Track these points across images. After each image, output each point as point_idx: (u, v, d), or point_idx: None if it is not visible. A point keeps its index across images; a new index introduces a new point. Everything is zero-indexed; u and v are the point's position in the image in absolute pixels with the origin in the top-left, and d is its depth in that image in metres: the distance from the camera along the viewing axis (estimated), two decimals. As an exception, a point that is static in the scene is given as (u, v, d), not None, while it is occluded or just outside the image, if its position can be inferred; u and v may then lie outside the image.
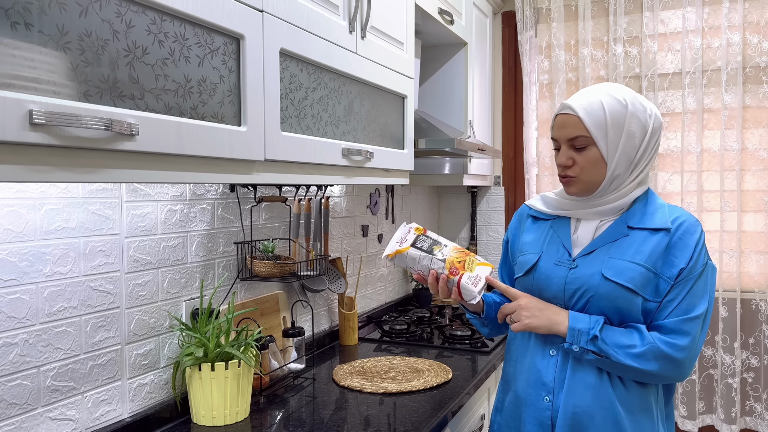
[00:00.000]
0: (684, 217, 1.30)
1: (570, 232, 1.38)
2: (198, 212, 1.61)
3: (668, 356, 1.25)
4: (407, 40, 1.90)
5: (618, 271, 1.28)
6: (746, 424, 2.78)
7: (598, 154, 1.30)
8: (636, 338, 1.26)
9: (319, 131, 1.43)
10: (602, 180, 1.31)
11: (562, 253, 1.36)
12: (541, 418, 1.35)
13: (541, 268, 1.38)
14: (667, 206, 1.34)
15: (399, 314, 2.58)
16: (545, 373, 1.35)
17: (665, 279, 1.27)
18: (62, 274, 1.24)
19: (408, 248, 1.39)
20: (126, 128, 0.87)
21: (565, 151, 1.33)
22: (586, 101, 1.30)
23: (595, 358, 1.27)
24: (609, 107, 1.29)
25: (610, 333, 1.27)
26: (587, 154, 1.31)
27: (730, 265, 2.75)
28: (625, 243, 1.31)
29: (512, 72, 3.15)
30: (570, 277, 1.33)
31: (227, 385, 1.45)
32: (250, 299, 1.81)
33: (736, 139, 2.69)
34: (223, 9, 1.08)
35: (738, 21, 2.65)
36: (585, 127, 1.29)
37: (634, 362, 1.25)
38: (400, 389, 1.70)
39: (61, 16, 0.80)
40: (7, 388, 1.15)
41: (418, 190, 3.11)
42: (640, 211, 1.33)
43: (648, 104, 1.33)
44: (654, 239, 1.29)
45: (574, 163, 1.32)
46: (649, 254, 1.28)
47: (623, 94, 1.31)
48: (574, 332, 1.27)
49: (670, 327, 1.26)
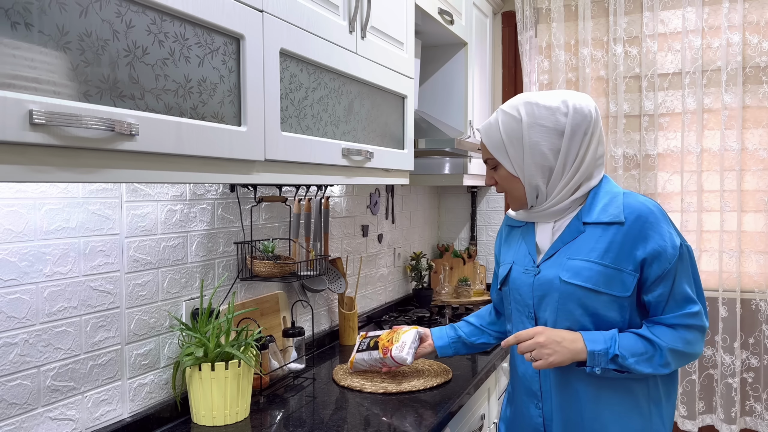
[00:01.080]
0: (637, 207, 1.25)
1: (534, 238, 1.37)
2: (198, 212, 1.61)
3: (684, 354, 1.26)
4: (407, 40, 1.90)
5: (575, 272, 1.26)
6: (746, 424, 2.78)
7: (506, 173, 1.32)
8: (649, 345, 1.24)
9: (319, 131, 1.43)
10: (525, 193, 1.32)
11: (528, 261, 1.36)
12: (535, 425, 1.37)
13: (512, 279, 1.39)
14: (622, 194, 1.28)
15: (399, 314, 2.58)
16: (533, 382, 1.37)
17: (629, 272, 1.23)
18: (62, 274, 1.24)
19: (355, 356, 1.76)
20: (126, 128, 0.87)
21: (488, 172, 1.38)
22: (487, 123, 1.33)
23: (617, 375, 1.25)
24: (503, 125, 1.29)
25: (627, 345, 1.23)
26: (500, 173, 1.34)
27: (730, 265, 2.75)
28: (581, 241, 1.28)
29: (512, 72, 3.15)
30: (536, 283, 1.32)
31: (227, 385, 1.45)
32: (250, 299, 1.81)
33: (736, 139, 2.69)
34: (223, 9, 1.08)
35: (738, 21, 2.65)
36: (487, 150, 1.33)
37: (655, 369, 1.25)
38: (400, 389, 1.70)
39: (61, 16, 0.80)
40: (7, 388, 1.15)
41: (418, 190, 3.11)
42: (593, 205, 1.29)
43: (558, 103, 1.26)
44: (608, 234, 1.25)
45: (496, 182, 1.36)
46: (606, 250, 1.24)
47: (518, 106, 1.28)
48: (594, 356, 1.24)
49: (675, 323, 1.25)
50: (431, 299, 2.90)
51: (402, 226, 2.91)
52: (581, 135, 1.26)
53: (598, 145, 1.29)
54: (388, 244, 2.77)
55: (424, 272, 2.91)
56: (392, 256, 2.81)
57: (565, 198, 1.30)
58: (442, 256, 3.25)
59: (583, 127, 1.26)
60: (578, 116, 1.26)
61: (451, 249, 3.24)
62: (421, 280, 2.90)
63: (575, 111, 1.25)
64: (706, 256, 2.80)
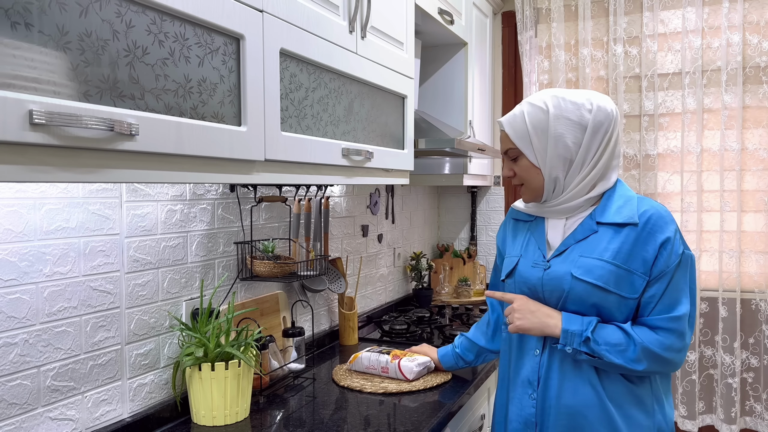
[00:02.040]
0: (651, 211, 1.29)
1: (544, 233, 1.40)
2: (198, 212, 1.61)
3: (659, 356, 1.26)
4: (407, 40, 1.90)
5: (587, 269, 1.29)
6: (746, 424, 2.78)
7: (528, 163, 1.34)
8: (626, 339, 1.26)
9: (319, 131, 1.43)
10: (542, 185, 1.35)
11: (537, 255, 1.38)
12: (526, 415, 1.37)
13: (520, 271, 1.41)
14: (637, 199, 1.33)
15: (399, 314, 2.58)
16: (530, 371, 1.37)
17: (639, 275, 1.27)
18: (62, 274, 1.24)
19: (361, 353, 1.85)
20: (126, 128, 0.87)
21: (506, 164, 1.39)
22: (511, 115, 1.36)
23: (587, 359, 1.28)
24: (529, 115, 1.32)
25: (603, 333, 1.27)
26: (520, 164, 1.36)
27: (730, 265, 2.75)
28: (594, 240, 1.31)
29: (512, 72, 3.15)
30: (545, 278, 1.35)
31: (227, 385, 1.45)
32: (250, 299, 1.81)
33: (736, 139, 2.69)
34: (223, 9, 1.08)
35: (738, 21, 2.65)
36: (511, 140, 1.35)
37: (626, 362, 1.26)
38: (400, 389, 1.70)
39: (61, 16, 0.80)
40: (7, 388, 1.15)
41: (418, 190, 3.11)
42: (607, 206, 1.33)
43: (584, 100, 1.31)
44: (621, 235, 1.29)
45: (514, 174, 1.38)
46: (618, 251, 1.28)
47: (545, 99, 1.32)
48: (567, 334, 1.28)
49: (656, 325, 1.27)
50: (431, 299, 2.90)
51: (402, 226, 2.91)
52: (603, 133, 1.31)
53: (615, 145, 1.34)
54: (388, 244, 2.77)
55: (424, 272, 2.91)
56: (392, 256, 2.81)
57: (580, 195, 1.33)
58: (442, 256, 3.25)
59: (605, 126, 1.31)
60: (601, 114, 1.30)
61: (451, 249, 3.24)
62: (421, 280, 2.90)
63: (599, 109, 1.30)
64: (706, 256, 2.80)
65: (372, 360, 1.81)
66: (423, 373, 1.79)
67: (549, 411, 1.34)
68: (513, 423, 1.39)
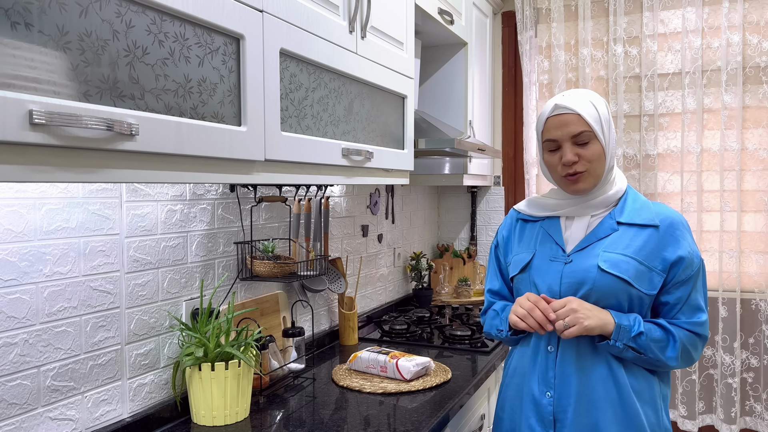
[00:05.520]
0: (670, 214, 1.37)
1: (561, 231, 1.42)
2: (198, 212, 1.61)
3: (690, 355, 1.34)
4: (407, 40, 1.90)
5: (613, 263, 1.32)
6: (746, 424, 2.78)
7: (600, 148, 1.35)
8: (666, 335, 1.33)
9: (319, 131, 1.43)
10: (604, 172, 1.38)
11: (555, 250, 1.40)
12: (543, 413, 1.37)
13: (535, 265, 1.42)
14: (652, 204, 1.40)
15: (399, 314, 2.58)
16: (546, 369, 1.38)
17: (657, 272, 1.33)
18: (62, 274, 1.24)
19: (361, 352, 1.86)
20: (126, 128, 0.87)
21: (570, 148, 1.36)
22: (578, 100, 1.36)
23: (633, 355, 1.32)
24: (598, 105, 1.36)
25: (648, 328, 1.32)
26: (591, 148, 1.35)
27: (730, 265, 2.75)
28: (616, 238, 1.36)
29: (512, 72, 3.15)
30: (566, 271, 1.36)
31: (227, 385, 1.45)
32: (250, 299, 1.81)
33: (736, 139, 2.69)
34: (223, 9, 1.08)
35: (738, 21, 2.65)
36: (587, 123, 1.34)
37: (666, 358, 1.32)
38: (400, 389, 1.70)
39: (61, 16, 0.80)
40: (7, 388, 1.15)
41: (418, 190, 3.11)
42: (626, 208, 1.39)
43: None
44: (643, 235, 1.35)
45: (578, 160, 1.36)
46: (641, 248, 1.33)
47: (598, 96, 1.41)
48: (621, 329, 1.30)
49: (684, 327, 1.34)
50: (431, 299, 2.90)
51: (402, 226, 2.91)
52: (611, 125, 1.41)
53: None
54: (388, 244, 2.77)
55: (424, 272, 2.91)
56: (392, 256, 2.81)
57: (612, 186, 1.40)
58: (442, 256, 3.25)
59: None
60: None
61: (451, 249, 3.24)
62: (421, 280, 2.90)
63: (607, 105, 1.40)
64: (706, 256, 2.80)
65: (371, 359, 1.82)
66: (421, 373, 1.80)
67: (567, 408, 1.34)
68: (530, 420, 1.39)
